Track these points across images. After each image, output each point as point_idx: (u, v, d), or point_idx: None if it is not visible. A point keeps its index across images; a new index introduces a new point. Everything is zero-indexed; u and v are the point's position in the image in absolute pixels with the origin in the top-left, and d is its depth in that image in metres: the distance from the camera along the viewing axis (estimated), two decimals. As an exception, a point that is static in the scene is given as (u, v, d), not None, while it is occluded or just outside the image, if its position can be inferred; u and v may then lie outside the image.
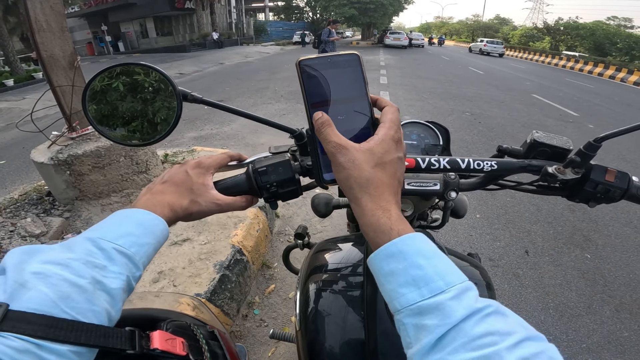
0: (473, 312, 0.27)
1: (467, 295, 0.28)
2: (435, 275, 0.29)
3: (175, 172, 0.48)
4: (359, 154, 0.36)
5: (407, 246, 0.31)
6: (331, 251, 0.80)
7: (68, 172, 2.16)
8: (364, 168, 0.35)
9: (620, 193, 0.52)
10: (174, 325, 0.48)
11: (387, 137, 0.37)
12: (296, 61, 0.39)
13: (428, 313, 0.28)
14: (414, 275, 0.29)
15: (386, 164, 0.36)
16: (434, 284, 0.29)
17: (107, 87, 0.50)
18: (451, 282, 0.29)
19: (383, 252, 0.32)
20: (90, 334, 0.30)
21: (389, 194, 0.35)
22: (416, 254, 0.30)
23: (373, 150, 0.36)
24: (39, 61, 2.15)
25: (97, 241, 0.36)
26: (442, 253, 0.32)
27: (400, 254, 0.31)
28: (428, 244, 0.32)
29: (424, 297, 0.28)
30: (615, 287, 2.16)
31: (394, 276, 0.31)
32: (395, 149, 0.37)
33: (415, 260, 0.30)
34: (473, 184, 0.61)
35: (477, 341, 0.26)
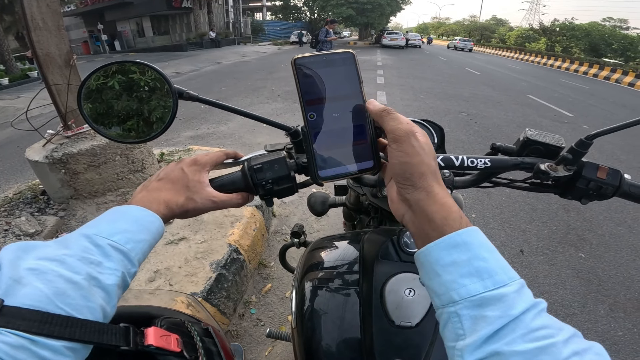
0: (532, 305, 0.28)
1: (525, 290, 0.29)
2: (498, 268, 0.29)
3: (171, 170, 0.48)
4: (425, 144, 0.36)
5: (471, 238, 0.31)
6: (327, 249, 0.80)
7: (63, 171, 2.14)
8: (432, 156, 0.36)
9: (612, 190, 0.53)
10: (169, 322, 0.48)
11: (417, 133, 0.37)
12: (291, 59, 0.39)
13: (490, 305, 0.28)
14: (477, 267, 0.29)
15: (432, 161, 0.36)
16: (498, 276, 0.29)
17: (103, 86, 0.50)
18: (513, 276, 0.29)
19: (446, 242, 0.31)
20: (84, 330, 0.30)
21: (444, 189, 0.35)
22: (480, 246, 0.30)
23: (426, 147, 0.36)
24: (35, 60, 2.14)
25: (92, 237, 0.36)
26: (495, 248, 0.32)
27: (465, 245, 0.30)
28: (487, 239, 0.32)
29: (488, 288, 0.28)
30: (609, 286, 2.17)
31: (455, 266, 0.30)
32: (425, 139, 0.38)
33: (480, 252, 0.30)
34: (467, 182, 0.62)
35: (535, 333, 0.26)
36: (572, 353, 0.26)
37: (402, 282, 0.58)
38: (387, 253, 0.62)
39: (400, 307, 0.56)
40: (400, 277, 0.58)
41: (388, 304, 0.57)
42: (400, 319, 0.55)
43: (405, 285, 0.57)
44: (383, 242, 0.64)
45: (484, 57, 25.59)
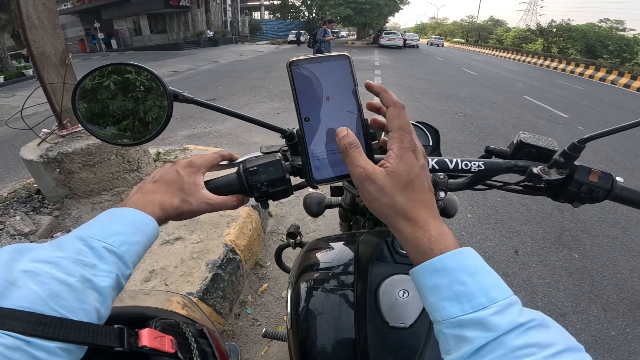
0: (515, 326, 0.28)
1: (510, 310, 0.29)
2: (478, 291, 0.29)
3: (166, 172, 0.49)
4: (386, 179, 0.34)
5: (451, 262, 0.31)
6: (323, 250, 0.81)
7: (58, 170, 2.13)
8: (395, 193, 0.34)
9: (603, 193, 0.53)
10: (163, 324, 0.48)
11: (404, 151, 0.35)
12: (287, 62, 0.40)
13: (469, 326, 0.29)
14: (456, 291, 0.30)
15: (413, 180, 0.34)
16: (477, 300, 0.29)
17: (98, 86, 0.50)
18: (494, 298, 0.29)
19: (427, 267, 0.32)
20: (79, 331, 0.31)
21: (425, 212, 0.34)
22: (460, 270, 0.31)
23: (398, 171, 0.34)
24: (30, 58, 2.13)
25: (87, 240, 0.36)
26: (488, 268, 0.32)
27: (444, 270, 0.31)
28: (473, 259, 0.32)
29: (466, 311, 0.29)
30: (602, 286, 2.19)
31: (436, 290, 0.31)
32: (416, 159, 0.35)
33: (459, 276, 0.30)
34: (461, 184, 0.62)
35: (516, 352, 0.27)
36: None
37: (396, 283, 0.58)
38: (382, 255, 0.62)
39: (394, 308, 0.56)
40: (394, 278, 0.59)
41: (382, 305, 0.57)
42: (394, 320, 0.55)
43: (399, 287, 0.57)
44: (377, 244, 0.64)
45: (481, 58, 25.69)
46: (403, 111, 0.36)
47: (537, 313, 0.30)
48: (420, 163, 0.35)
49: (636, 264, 2.43)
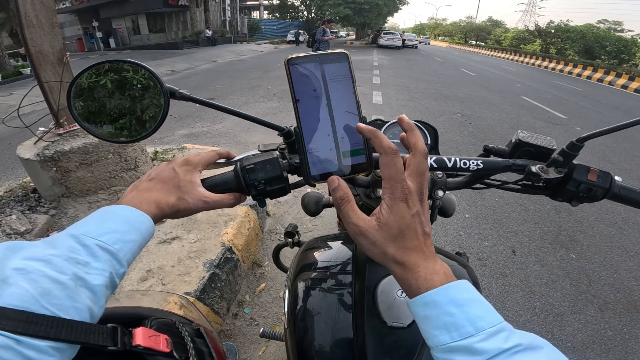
0: (500, 352, 0.30)
1: (496, 337, 0.31)
2: (465, 321, 0.32)
3: (162, 170, 0.48)
4: (378, 233, 0.36)
5: (440, 297, 0.33)
6: (320, 249, 0.80)
7: (54, 169, 2.12)
8: (386, 245, 0.36)
9: (602, 192, 0.53)
10: (159, 323, 0.47)
11: (395, 202, 0.35)
12: (285, 59, 0.39)
13: (457, 352, 0.31)
14: (445, 322, 0.32)
15: (404, 231, 0.36)
16: (464, 329, 0.31)
17: (95, 84, 0.50)
18: (481, 327, 0.31)
19: (420, 300, 0.34)
20: (70, 330, 0.30)
21: (415, 256, 0.36)
22: (448, 303, 0.33)
23: (389, 224, 0.35)
24: (28, 56, 2.12)
25: (80, 237, 0.36)
26: (478, 299, 0.34)
27: (434, 303, 0.33)
28: (464, 292, 0.34)
29: (454, 339, 0.31)
30: (599, 286, 2.20)
31: (428, 320, 0.33)
32: (408, 208, 0.36)
33: (447, 308, 0.32)
34: (460, 183, 0.62)
35: None
36: None
37: (394, 283, 0.58)
38: None
39: (392, 308, 0.56)
40: (392, 278, 0.58)
41: (380, 304, 0.57)
42: (392, 320, 0.55)
43: (397, 287, 0.57)
44: None
45: (479, 59, 25.74)
46: (395, 159, 0.35)
47: (526, 337, 0.32)
48: (412, 211, 0.36)
49: (633, 264, 2.43)
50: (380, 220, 0.36)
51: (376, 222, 0.36)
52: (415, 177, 0.36)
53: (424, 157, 0.36)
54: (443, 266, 0.36)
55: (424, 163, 0.36)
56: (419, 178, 0.36)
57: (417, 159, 0.36)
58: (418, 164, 0.36)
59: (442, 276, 0.35)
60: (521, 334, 0.33)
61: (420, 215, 0.36)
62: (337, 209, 0.37)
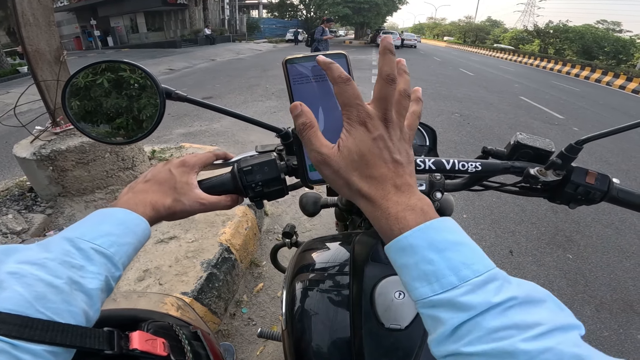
0: (490, 306, 0.26)
1: (484, 289, 0.27)
2: (447, 269, 0.28)
3: (158, 171, 0.48)
4: (339, 159, 0.33)
5: (417, 239, 0.29)
6: (318, 250, 0.80)
7: (51, 168, 2.11)
8: (349, 172, 0.33)
9: (600, 195, 0.53)
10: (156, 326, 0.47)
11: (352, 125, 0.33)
12: (283, 60, 0.39)
13: (441, 306, 0.28)
14: (425, 270, 0.28)
15: (365, 155, 0.32)
16: (445, 279, 0.27)
17: (92, 83, 0.49)
18: (465, 276, 0.27)
19: (394, 246, 0.30)
20: (66, 334, 0.30)
21: (382, 188, 0.32)
22: (427, 247, 0.29)
23: (348, 147, 0.33)
24: (24, 55, 2.11)
25: (74, 241, 0.36)
26: (462, 241, 0.30)
27: (410, 248, 0.29)
28: (444, 233, 0.30)
29: (436, 292, 0.28)
30: (595, 287, 2.21)
31: (406, 269, 0.30)
32: (367, 131, 0.33)
33: (426, 254, 0.28)
34: (458, 185, 0.62)
35: (493, 335, 0.25)
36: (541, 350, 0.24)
37: (391, 284, 0.58)
38: (378, 255, 0.62)
39: (390, 310, 0.56)
40: (390, 279, 0.58)
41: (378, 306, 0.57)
42: (389, 322, 0.55)
43: (395, 288, 0.57)
44: (373, 245, 0.64)
45: (478, 58, 25.77)
46: (345, 86, 0.32)
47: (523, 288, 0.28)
48: (373, 135, 0.32)
49: (629, 265, 2.44)
50: (340, 144, 0.33)
51: (337, 148, 0.33)
52: (377, 102, 0.33)
53: (385, 82, 0.33)
54: (421, 200, 0.32)
55: (386, 88, 0.33)
56: (381, 103, 0.33)
57: (379, 84, 0.33)
58: (379, 89, 0.33)
59: (419, 213, 0.31)
60: (518, 283, 0.28)
61: (385, 140, 0.33)
62: (300, 136, 0.35)
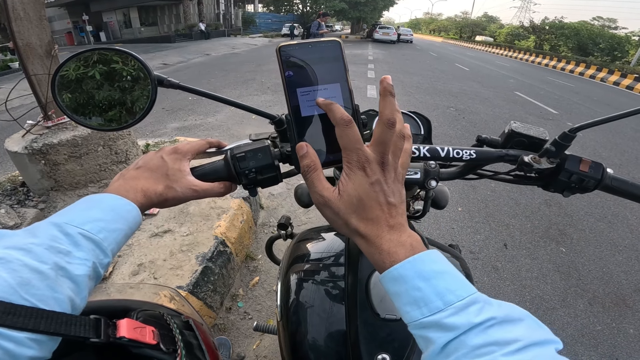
0: (472, 326, 0.29)
1: (466, 311, 0.30)
2: (433, 295, 0.31)
3: (150, 158, 0.47)
4: (340, 203, 0.35)
5: (406, 270, 0.32)
6: (313, 241, 0.80)
7: (43, 162, 2.08)
8: (348, 215, 0.35)
9: (594, 183, 0.53)
10: (146, 315, 0.46)
11: (351, 170, 0.35)
12: (277, 47, 0.39)
13: (429, 328, 0.30)
14: (414, 297, 0.31)
15: (363, 199, 0.35)
16: (433, 304, 0.30)
17: (83, 76, 0.49)
18: (449, 301, 0.30)
19: (387, 276, 0.33)
20: (50, 321, 0.29)
21: (377, 228, 0.35)
22: (416, 277, 0.32)
23: (348, 191, 0.35)
24: (15, 50, 2.09)
25: (62, 226, 0.35)
26: (446, 270, 0.33)
27: (401, 278, 0.32)
28: (430, 264, 0.33)
29: (424, 315, 0.31)
30: (588, 280, 2.23)
31: (398, 296, 0.33)
32: (366, 176, 0.35)
33: (415, 283, 0.32)
34: (453, 173, 0.62)
35: (476, 351, 0.28)
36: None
37: None
38: None
39: (385, 300, 0.56)
40: None
41: (373, 296, 0.57)
42: (385, 312, 0.55)
43: None
44: None
45: (474, 54, 25.79)
46: (347, 129, 0.34)
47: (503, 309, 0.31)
48: (371, 179, 0.35)
49: (622, 258, 2.47)
50: (340, 188, 0.36)
51: (337, 192, 0.36)
52: (377, 146, 0.35)
53: (386, 127, 0.34)
54: (411, 237, 0.35)
55: (386, 132, 0.34)
56: (380, 147, 0.35)
57: (379, 128, 0.35)
58: (379, 133, 0.35)
59: (408, 248, 0.34)
60: (498, 304, 0.32)
61: (381, 184, 0.35)
62: (304, 178, 0.37)
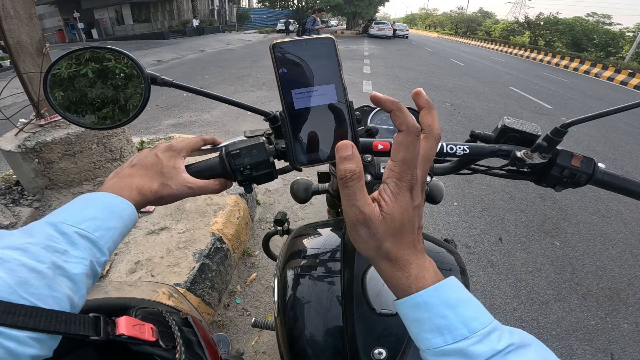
0: (494, 353, 0.29)
1: (489, 339, 0.29)
2: (459, 324, 0.30)
3: (144, 156, 0.48)
4: (380, 225, 0.31)
5: (432, 298, 0.31)
6: (310, 236, 0.80)
7: (36, 160, 2.07)
8: (385, 239, 0.32)
9: (585, 178, 0.54)
10: (144, 312, 0.47)
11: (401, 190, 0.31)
12: (270, 44, 0.39)
13: (451, 355, 0.30)
14: (438, 324, 0.30)
15: (405, 224, 0.32)
16: (457, 332, 0.30)
17: (75, 74, 0.49)
18: (474, 328, 0.30)
19: (409, 302, 0.32)
20: (50, 320, 0.29)
21: (408, 253, 0.33)
22: (441, 304, 0.31)
23: (393, 215, 0.31)
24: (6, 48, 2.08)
25: (58, 225, 0.35)
26: (469, 298, 0.32)
27: (425, 305, 0.31)
28: (455, 292, 0.32)
29: (447, 342, 0.30)
30: (582, 274, 2.25)
31: (419, 323, 0.31)
32: (411, 199, 0.32)
33: (440, 310, 0.30)
34: (446, 168, 0.62)
35: None
36: None
37: None
38: None
39: (382, 295, 0.56)
40: None
41: (369, 291, 0.57)
42: (381, 307, 0.55)
43: None
44: None
45: (469, 49, 25.80)
46: (417, 140, 0.30)
47: (516, 335, 0.31)
48: (415, 203, 0.32)
49: (615, 253, 2.50)
50: (384, 210, 0.31)
51: (380, 212, 0.31)
52: (424, 164, 0.32)
53: (436, 143, 0.32)
54: (431, 262, 0.34)
55: (435, 149, 0.32)
56: (426, 165, 0.32)
57: (430, 143, 0.32)
58: (429, 149, 0.32)
59: (432, 274, 0.32)
60: (510, 331, 0.31)
61: (419, 208, 0.33)
62: (342, 185, 0.30)
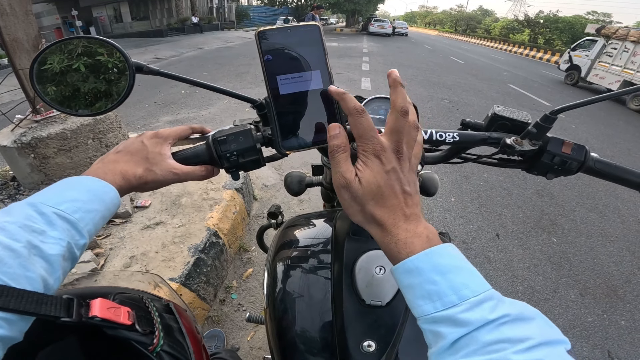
0: (485, 323, 0.29)
1: (481, 307, 0.29)
2: (448, 289, 0.30)
3: (130, 142, 0.47)
4: (359, 188, 0.35)
5: (422, 263, 0.32)
6: (301, 227, 0.79)
7: (32, 155, 2.06)
8: (365, 201, 0.35)
9: (576, 165, 0.53)
10: (123, 297, 0.46)
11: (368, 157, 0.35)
12: (255, 32, 0.39)
13: (441, 322, 0.30)
14: (428, 290, 0.31)
15: (381, 187, 0.35)
16: (447, 298, 0.30)
17: (67, 69, 0.48)
18: (465, 296, 0.30)
19: (402, 267, 0.33)
20: (20, 300, 0.29)
21: (394, 217, 0.35)
22: (432, 270, 0.31)
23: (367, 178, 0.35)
24: (3, 45, 2.09)
25: (37, 205, 0.35)
26: (463, 265, 0.32)
27: (417, 270, 0.32)
28: (448, 258, 0.32)
29: (437, 309, 0.30)
30: (579, 271, 2.25)
31: (411, 289, 0.32)
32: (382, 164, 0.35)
33: (431, 276, 0.31)
34: (437, 157, 0.62)
35: (487, 348, 0.28)
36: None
37: (372, 259, 0.57)
38: (358, 229, 0.61)
39: (371, 286, 0.55)
40: (370, 254, 0.57)
41: (358, 282, 0.56)
42: (370, 298, 0.54)
43: (375, 263, 0.56)
44: None
45: (469, 47, 25.78)
46: (360, 118, 0.34)
47: (515, 307, 0.31)
48: (387, 167, 0.35)
49: (613, 249, 2.50)
50: (359, 175, 0.35)
51: (357, 177, 0.35)
52: (391, 135, 0.35)
53: (400, 115, 0.35)
54: (427, 228, 0.35)
55: (400, 120, 0.35)
56: (394, 136, 0.35)
57: (393, 116, 0.35)
58: (393, 121, 0.35)
59: (425, 240, 0.33)
60: (511, 302, 0.31)
61: (397, 172, 0.35)
62: (331, 157, 0.36)
